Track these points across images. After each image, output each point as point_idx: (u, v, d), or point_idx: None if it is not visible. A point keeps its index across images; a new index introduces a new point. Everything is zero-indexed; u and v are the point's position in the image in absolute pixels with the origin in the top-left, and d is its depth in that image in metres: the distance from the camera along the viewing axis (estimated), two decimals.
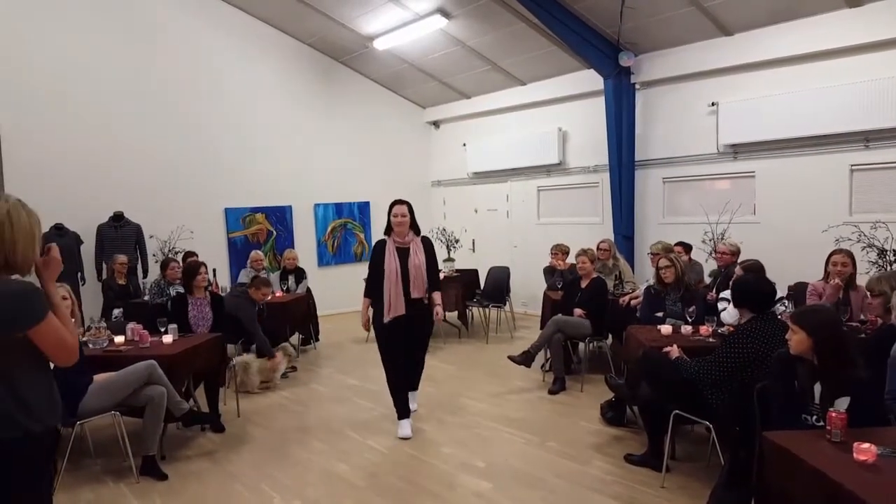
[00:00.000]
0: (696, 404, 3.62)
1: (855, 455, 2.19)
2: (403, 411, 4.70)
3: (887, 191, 6.05)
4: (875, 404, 2.78)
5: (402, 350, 4.60)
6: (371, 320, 4.68)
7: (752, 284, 3.63)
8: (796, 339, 2.73)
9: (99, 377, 4.04)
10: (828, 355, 2.68)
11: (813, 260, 5.16)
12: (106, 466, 4.28)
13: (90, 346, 4.49)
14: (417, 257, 4.55)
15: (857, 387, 2.66)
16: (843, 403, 2.60)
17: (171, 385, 4.15)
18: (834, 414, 2.40)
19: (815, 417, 2.69)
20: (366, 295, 4.72)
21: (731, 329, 4.23)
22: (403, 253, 4.56)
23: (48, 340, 1.96)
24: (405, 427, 4.65)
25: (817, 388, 2.72)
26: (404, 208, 4.58)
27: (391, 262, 4.49)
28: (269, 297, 6.53)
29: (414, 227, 4.63)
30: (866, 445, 2.20)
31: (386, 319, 4.46)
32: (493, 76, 9.27)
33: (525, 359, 5.72)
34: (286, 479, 4.01)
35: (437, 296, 4.72)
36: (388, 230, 4.64)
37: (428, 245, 4.69)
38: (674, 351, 3.80)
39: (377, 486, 3.83)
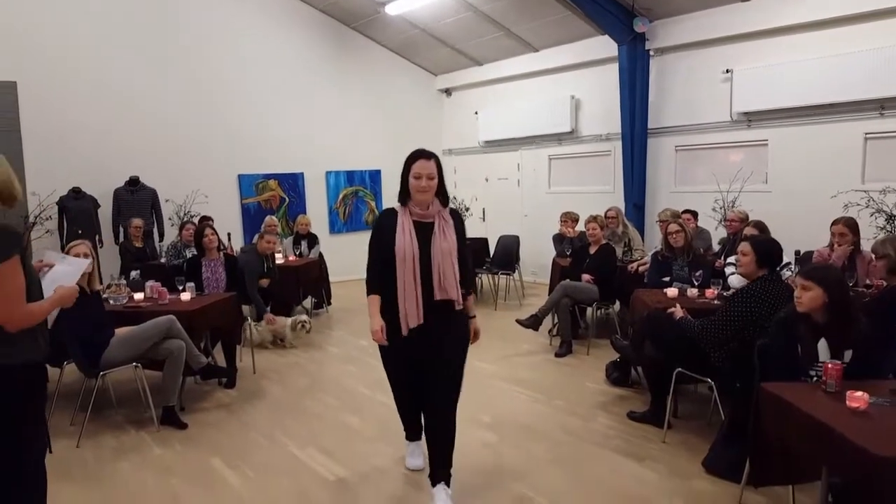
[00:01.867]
0: (699, 363, 3.70)
1: (848, 402, 2.27)
2: (414, 429, 3.43)
3: None
4: (874, 361, 2.84)
5: (415, 377, 3.10)
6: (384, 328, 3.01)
7: (773, 243, 3.67)
8: (809, 296, 2.75)
9: (120, 331, 4.19)
10: (837, 310, 2.73)
11: (823, 228, 5.18)
12: (128, 416, 4.46)
13: (111, 301, 4.64)
14: (446, 239, 2.95)
15: (858, 342, 2.73)
16: (847, 356, 2.68)
17: (189, 339, 4.29)
18: (830, 365, 2.47)
19: (815, 377, 2.75)
20: (370, 291, 3.03)
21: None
22: (424, 231, 2.95)
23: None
24: (415, 454, 3.46)
25: (820, 346, 2.78)
26: (432, 166, 2.93)
27: (405, 243, 2.89)
28: (275, 248, 6.60)
29: (442, 193, 3.03)
30: (859, 394, 2.27)
31: (404, 331, 2.93)
32: (506, 42, 9.22)
33: (533, 322, 5.82)
34: (300, 430, 4.16)
35: (470, 302, 3.17)
36: (404, 197, 3.01)
37: (459, 222, 3.10)
38: (678, 311, 3.88)
39: (387, 437, 3.97)
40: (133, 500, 3.27)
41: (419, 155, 2.95)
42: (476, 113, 10.38)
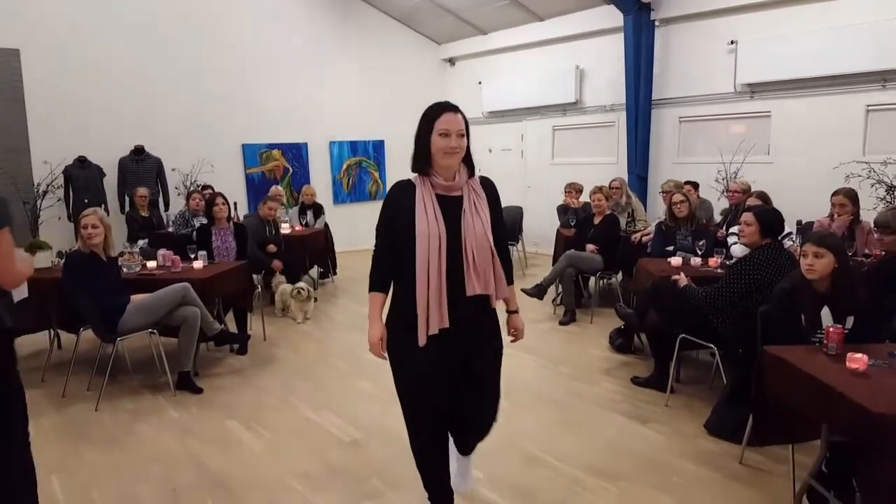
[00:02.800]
0: (702, 329, 3.80)
1: (847, 364, 2.37)
2: (444, 497, 2.56)
3: None
4: (873, 327, 2.94)
5: (447, 400, 2.39)
6: (386, 341, 2.36)
7: (776, 213, 3.76)
8: (823, 263, 2.78)
9: (136, 298, 4.27)
10: (843, 276, 2.81)
11: (824, 198, 5.25)
12: (143, 381, 4.58)
13: (124, 269, 4.71)
14: (479, 216, 2.28)
15: (859, 310, 2.82)
16: (848, 322, 2.78)
17: (204, 306, 4.38)
18: (831, 329, 2.57)
19: (817, 343, 2.84)
20: (373, 287, 2.38)
21: None
22: (451, 207, 2.26)
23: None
24: None
25: (823, 314, 2.87)
26: (460, 121, 2.26)
27: (429, 223, 2.21)
28: (276, 214, 6.71)
29: (468, 160, 2.35)
30: (859, 355, 2.37)
31: (422, 341, 2.23)
32: (511, 11, 9.15)
33: (538, 291, 5.93)
34: (313, 394, 4.29)
35: (512, 294, 2.50)
36: (422, 164, 2.30)
37: (492, 193, 2.40)
38: (682, 279, 3.98)
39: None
40: (156, 460, 3.39)
41: (444, 107, 2.25)
42: (480, 83, 10.34)
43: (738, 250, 4.73)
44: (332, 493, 3.01)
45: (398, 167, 10.34)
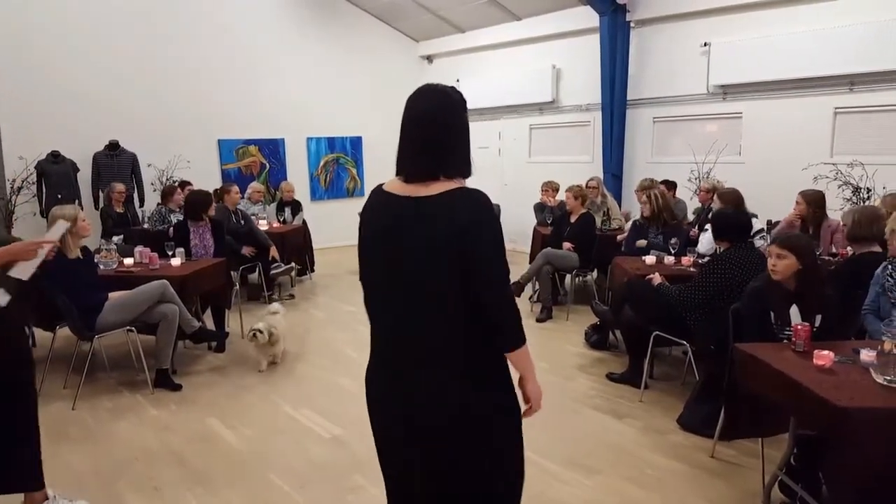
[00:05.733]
0: (676, 327, 3.91)
1: (815, 360, 2.47)
2: None
3: (868, 133, 6.26)
4: (839, 325, 3.06)
5: None
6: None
7: (731, 217, 3.87)
8: (785, 264, 2.87)
9: (114, 295, 4.23)
10: (810, 276, 2.90)
11: (792, 199, 5.40)
12: (120, 379, 4.55)
13: (101, 266, 4.67)
14: None
15: (826, 308, 2.93)
16: (817, 320, 2.89)
17: (182, 304, 4.36)
18: (799, 327, 2.67)
19: (786, 340, 2.94)
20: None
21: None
22: None
23: None
24: None
25: (792, 312, 2.97)
26: None
27: None
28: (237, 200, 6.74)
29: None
30: (825, 352, 2.47)
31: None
32: (489, 10, 9.20)
33: (515, 289, 6.00)
34: (293, 391, 4.30)
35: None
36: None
37: None
38: (656, 278, 4.08)
39: None
40: (136, 458, 3.38)
41: None
42: (458, 81, 10.35)
43: (702, 245, 4.85)
44: (315, 489, 3.05)
45: (376, 164, 10.35)
